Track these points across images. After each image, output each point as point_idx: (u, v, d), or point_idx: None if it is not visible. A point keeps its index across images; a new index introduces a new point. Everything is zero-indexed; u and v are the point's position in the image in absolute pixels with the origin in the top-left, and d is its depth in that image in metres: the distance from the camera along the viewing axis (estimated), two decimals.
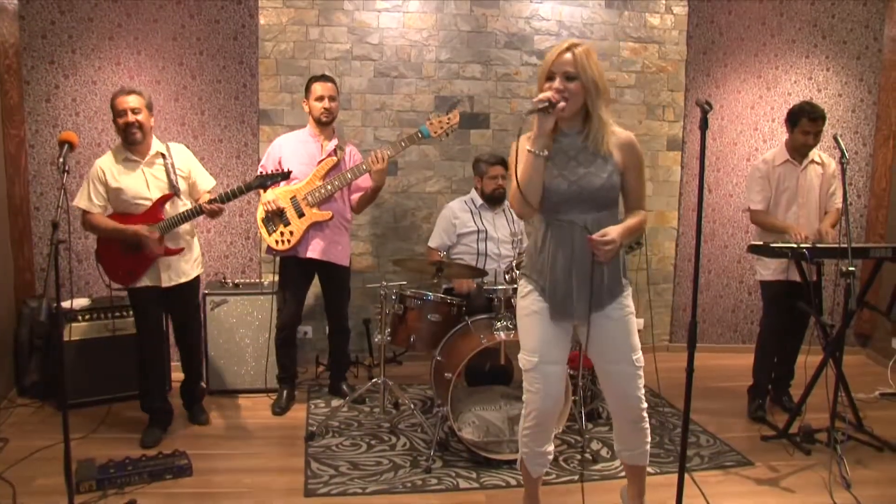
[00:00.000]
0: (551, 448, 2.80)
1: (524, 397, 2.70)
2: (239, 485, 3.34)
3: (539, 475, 2.85)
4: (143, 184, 3.70)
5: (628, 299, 2.66)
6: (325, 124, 4.19)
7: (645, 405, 2.69)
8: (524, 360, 2.66)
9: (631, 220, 2.61)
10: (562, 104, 2.41)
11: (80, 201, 3.68)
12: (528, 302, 2.66)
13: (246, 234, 5.04)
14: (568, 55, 2.45)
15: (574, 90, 2.44)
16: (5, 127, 4.40)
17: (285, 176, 3.85)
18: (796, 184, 4.13)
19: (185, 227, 3.81)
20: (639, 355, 2.64)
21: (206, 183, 3.93)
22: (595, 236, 2.47)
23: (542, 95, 2.41)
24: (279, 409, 4.25)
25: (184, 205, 3.78)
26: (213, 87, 4.88)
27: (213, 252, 4.99)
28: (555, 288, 2.58)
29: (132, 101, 3.62)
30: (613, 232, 2.49)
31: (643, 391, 2.68)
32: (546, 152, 2.46)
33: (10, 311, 4.37)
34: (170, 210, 3.73)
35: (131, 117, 3.61)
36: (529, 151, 2.44)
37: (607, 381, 2.72)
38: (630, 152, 2.58)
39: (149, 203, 3.69)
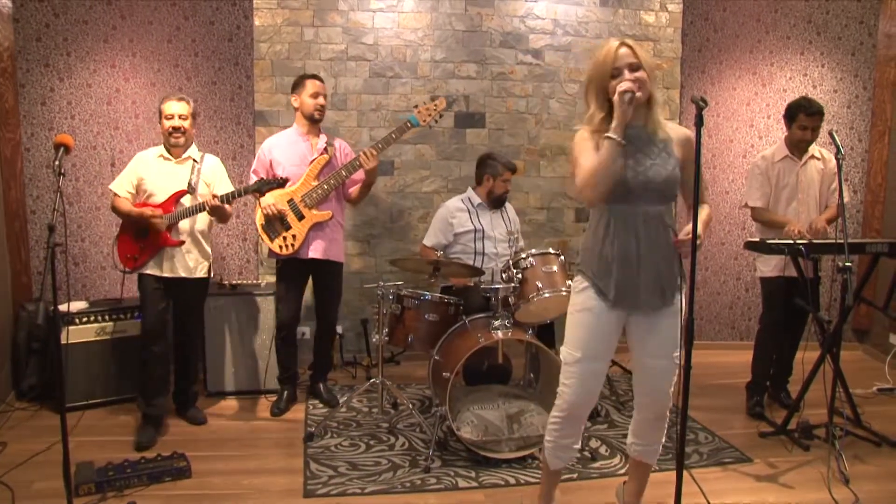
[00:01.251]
0: (577, 445, 2.80)
1: (558, 389, 2.70)
2: (238, 486, 3.34)
3: (558, 469, 2.84)
4: (164, 178, 3.89)
5: (679, 294, 2.67)
6: (315, 122, 4.19)
7: (671, 403, 2.70)
8: (566, 353, 2.66)
9: (704, 215, 2.65)
10: (639, 93, 2.45)
11: (114, 183, 3.94)
12: (583, 298, 2.64)
13: (243, 235, 5.04)
14: (624, 49, 2.50)
15: (642, 78, 2.48)
16: (0, 130, 4.39)
17: (281, 183, 3.90)
18: (796, 180, 4.13)
19: (199, 226, 3.93)
20: (678, 353, 2.64)
21: (222, 190, 4.00)
22: (681, 236, 2.52)
23: (623, 86, 2.42)
24: (278, 409, 4.24)
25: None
26: (209, 89, 4.88)
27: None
28: (623, 279, 2.57)
29: (181, 108, 3.91)
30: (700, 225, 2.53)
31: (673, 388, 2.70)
32: (624, 141, 2.48)
33: (8, 314, 4.37)
34: (183, 205, 3.88)
35: (178, 122, 3.88)
36: (610, 138, 2.44)
37: (644, 375, 2.71)
38: (689, 148, 2.61)
39: (165, 196, 3.85)
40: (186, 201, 3.88)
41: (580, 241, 2.71)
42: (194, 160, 3.96)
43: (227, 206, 3.88)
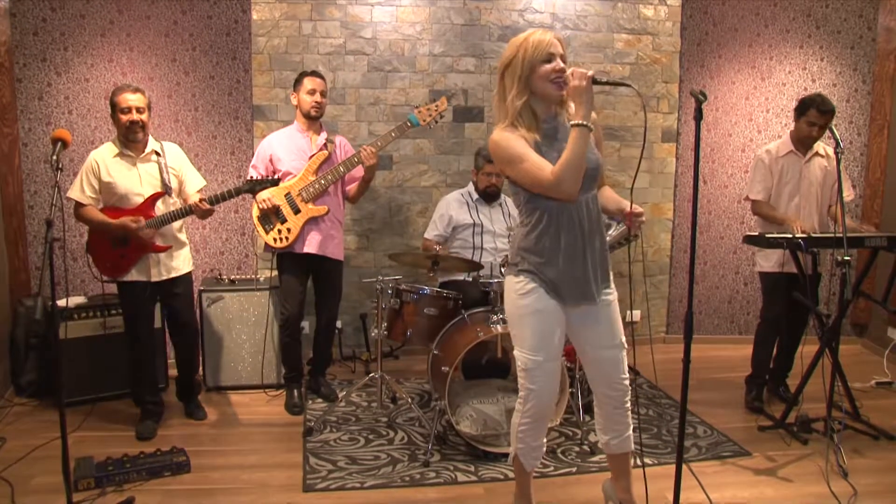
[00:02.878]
0: (544, 440, 2.80)
1: (521, 395, 2.68)
2: (237, 481, 3.34)
3: (532, 468, 2.85)
4: (136, 180, 3.72)
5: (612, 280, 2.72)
6: (313, 119, 4.18)
7: (627, 383, 2.72)
8: (525, 359, 2.62)
9: (615, 194, 2.73)
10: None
11: (72, 192, 3.71)
12: (531, 300, 2.59)
13: (241, 230, 5.03)
14: (556, 39, 2.51)
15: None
16: None
17: (274, 182, 3.89)
18: (799, 176, 4.11)
19: (175, 224, 3.82)
20: (623, 336, 2.69)
21: (196, 183, 3.94)
22: (636, 209, 2.56)
23: (589, 73, 2.41)
24: (297, 408, 4.20)
25: (174, 203, 3.81)
26: (207, 84, 4.87)
27: (209, 248, 4.99)
28: (569, 273, 2.56)
29: (137, 100, 3.67)
30: (627, 204, 2.59)
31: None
32: (542, 136, 2.51)
33: (6, 310, 4.36)
34: (161, 208, 3.75)
35: (136, 116, 3.66)
36: (581, 125, 2.40)
37: (598, 368, 2.70)
38: (597, 128, 2.64)
39: (140, 199, 3.71)
40: (162, 202, 3.76)
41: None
42: (157, 153, 3.79)
43: (212, 207, 3.75)
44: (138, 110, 3.66)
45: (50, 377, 4.24)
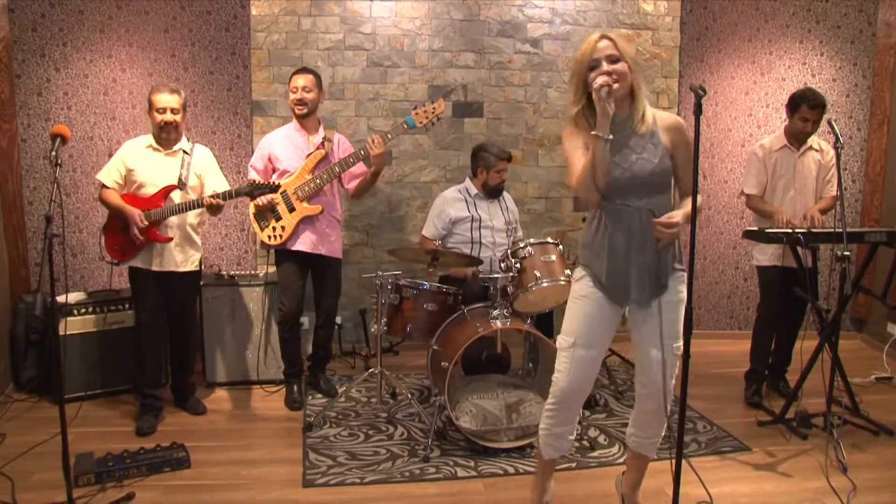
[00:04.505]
0: (572, 436, 2.80)
1: (553, 376, 2.71)
2: (237, 476, 3.34)
3: (551, 458, 2.83)
4: (156, 171, 3.82)
5: (682, 285, 2.65)
6: (300, 116, 4.17)
7: (673, 395, 2.69)
8: (561, 339, 2.68)
9: (686, 205, 2.60)
10: (616, 85, 2.43)
11: (101, 174, 3.86)
12: (580, 286, 2.67)
13: (241, 226, 5.03)
14: (604, 42, 2.50)
15: (621, 71, 2.47)
16: None
17: (273, 189, 3.91)
18: (793, 170, 4.13)
19: (190, 220, 3.90)
20: (679, 343, 2.62)
21: (218, 187, 3.95)
22: (661, 219, 2.49)
23: (599, 81, 2.40)
24: (297, 403, 4.21)
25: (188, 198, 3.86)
26: (206, 79, 4.86)
27: (209, 244, 4.98)
28: (613, 274, 2.59)
29: (173, 101, 3.78)
30: (677, 215, 2.51)
31: (673, 381, 2.68)
32: (611, 136, 2.45)
33: (6, 306, 4.36)
34: (173, 201, 3.82)
35: (170, 117, 3.78)
36: (596, 136, 2.42)
37: (642, 365, 2.71)
38: (679, 134, 2.61)
39: (155, 189, 3.79)
40: (176, 196, 3.83)
41: (579, 233, 2.73)
42: (185, 152, 3.89)
43: (223, 203, 3.82)
44: (172, 111, 3.77)
45: (50, 373, 4.24)
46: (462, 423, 3.61)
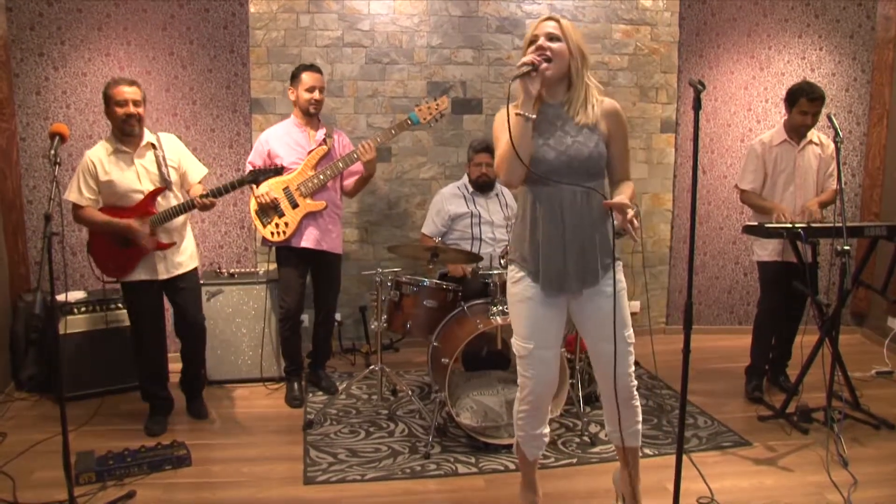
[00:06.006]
0: (547, 430, 2.80)
1: (519, 381, 2.69)
2: (238, 474, 3.34)
3: (535, 458, 2.84)
4: (134, 177, 3.65)
5: (620, 273, 2.62)
6: (312, 115, 4.17)
7: (635, 382, 2.66)
8: (518, 346, 2.64)
9: (626, 190, 2.56)
10: (545, 65, 2.40)
11: (70, 194, 3.62)
12: (521, 288, 2.62)
13: (241, 223, 5.02)
14: (550, 22, 2.48)
15: (557, 51, 2.43)
16: None
17: (278, 171, 3.79)
18: (794, 164, 4.11)
19: (179, 219, 3.75)
20: (630, 332, 2.61)
21: (198, 173, 3.87)
22: (613, 201, 2.41)
23: (525, 59, 2.39)
24: (297, 401, 4.21)
25: (175, 197, 3.74)
26: (205, 77, 4.85)
27: (208, 242, 4.98)
28: (548, 262, 2.54)
29: (134, 93, 3.59)
30: (625, 197, 2.43)
31: (633, 368, 2.66)
32: (534, 115, 2.43)
33: (6, 305, 4.37)
34: (162, 203, 3.69)
35: (132, 109, 3.58)
36: (518, 115, 2.40)
37: (595, 360, 2.69)
38: (615, 121, 2.57)
39: (141, 196, 3.65)
40: (163, 197, 3.69)
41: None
42: (153, 145, 3.71)
43: (215, 200, 3.69)
44: (135, 103, 3.58)
45: (50, 372, 4.24)
46: (463, 419, 3.61)
